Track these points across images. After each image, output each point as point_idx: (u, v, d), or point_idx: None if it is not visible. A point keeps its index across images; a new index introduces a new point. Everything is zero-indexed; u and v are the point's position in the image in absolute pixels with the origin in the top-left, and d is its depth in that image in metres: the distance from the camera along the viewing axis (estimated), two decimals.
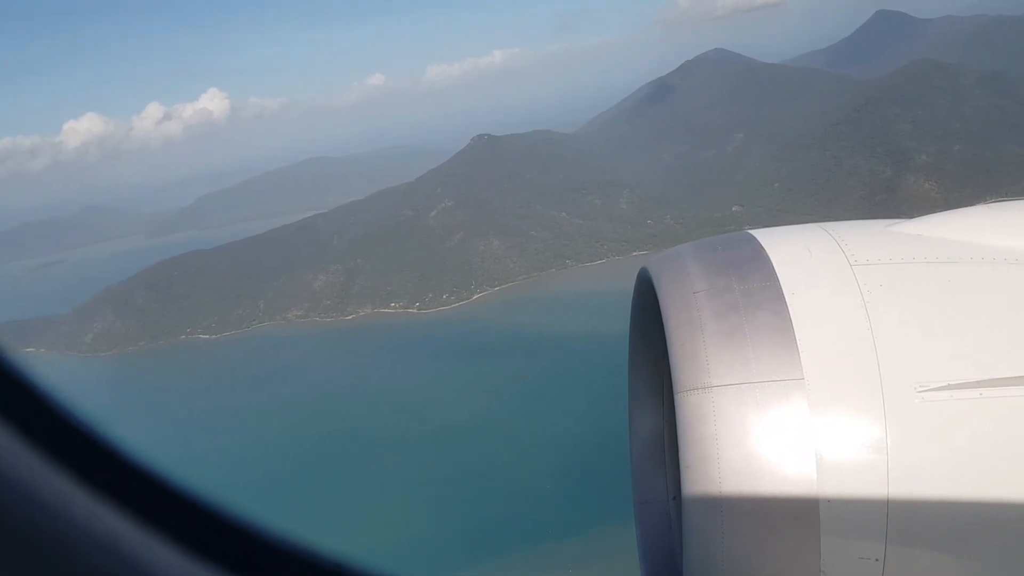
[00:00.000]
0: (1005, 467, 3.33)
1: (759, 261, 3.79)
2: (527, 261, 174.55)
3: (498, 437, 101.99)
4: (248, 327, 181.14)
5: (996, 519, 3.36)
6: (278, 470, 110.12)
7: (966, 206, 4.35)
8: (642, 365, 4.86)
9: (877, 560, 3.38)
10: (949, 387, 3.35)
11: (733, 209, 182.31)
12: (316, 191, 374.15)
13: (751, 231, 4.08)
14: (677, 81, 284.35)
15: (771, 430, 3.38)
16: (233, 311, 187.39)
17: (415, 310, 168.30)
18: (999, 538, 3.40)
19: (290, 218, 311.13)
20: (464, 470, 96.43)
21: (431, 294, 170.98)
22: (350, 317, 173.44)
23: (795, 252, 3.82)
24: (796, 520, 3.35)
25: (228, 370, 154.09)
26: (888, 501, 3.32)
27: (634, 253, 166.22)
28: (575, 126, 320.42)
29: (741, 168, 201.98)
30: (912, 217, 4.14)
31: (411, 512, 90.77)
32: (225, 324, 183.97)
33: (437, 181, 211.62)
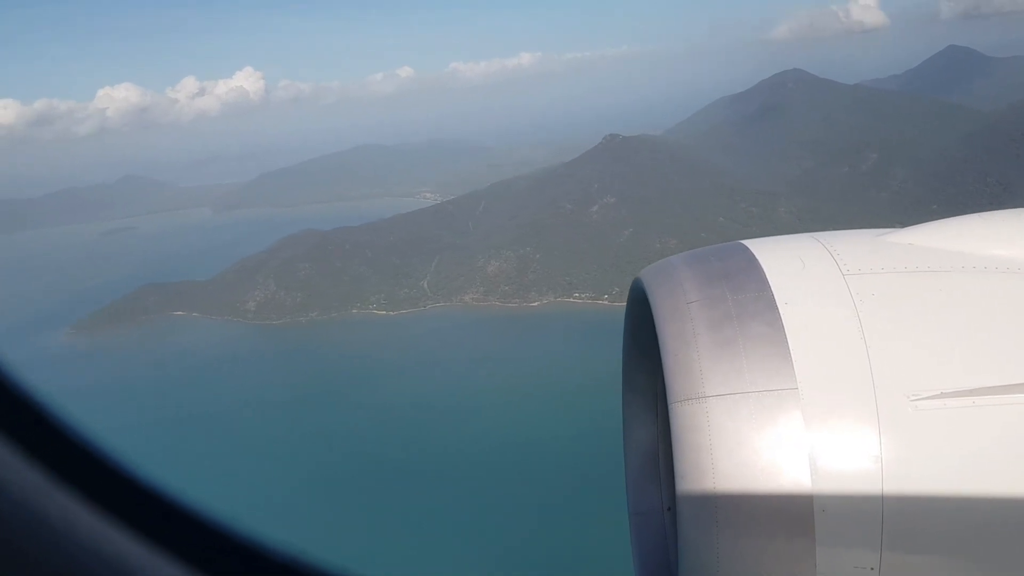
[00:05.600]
0: (999, 475, 3.34)
1: (752, 271, 3.86)
2: None
3: None
4: (424, 306, 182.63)
5: (991, 527, 3.37)
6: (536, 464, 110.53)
7: None
8: (636, 376, 4.95)
9: (872, 569, 3.40)
10: (942, 395, 3.37)
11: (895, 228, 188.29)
12: (381, 178, 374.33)
13: (743, 241, 4.23)
14: (769, 97, 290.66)
15: (765, 440, 3.39)
16: (397, 289, 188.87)
17: (605, 302, 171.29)
18: (994, 546, 3.42)
19: (368, 202, 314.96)
20: None
21: (616, 288, 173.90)
22: (535, 304, 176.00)
23: (788, 262, 3.91)
24: (791, 530, 3.37)
25: (439, 347, 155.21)
26: (883, 510, 3.32)
27: None
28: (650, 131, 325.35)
29: (883, 187, 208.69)
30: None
31: None
32: (395, 302, 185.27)
33: (587, 177, 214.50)
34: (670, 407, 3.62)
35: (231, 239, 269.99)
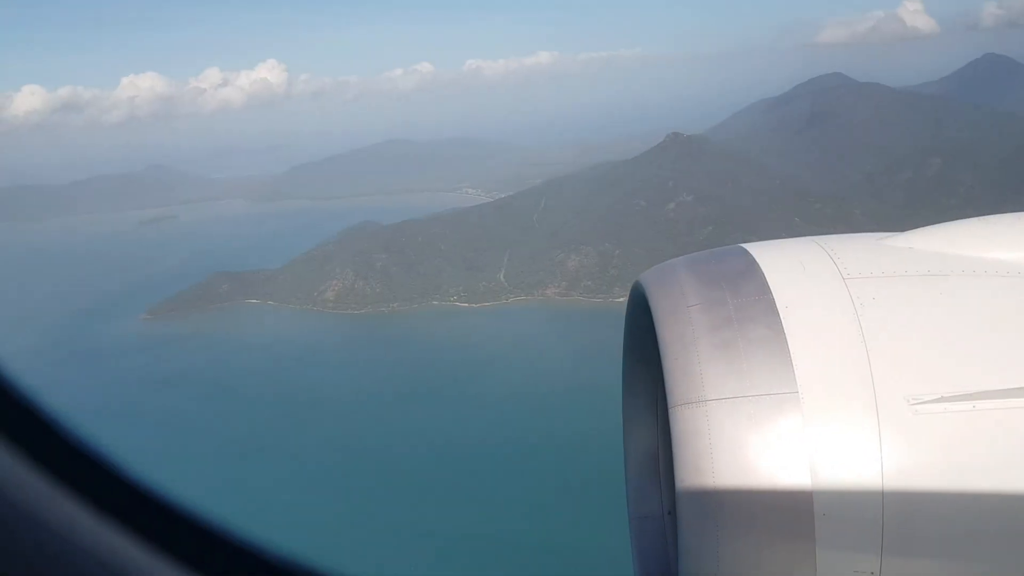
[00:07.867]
0: (999, 479, 3.32)
1: (752, 274, 3.87)
2: None
3: None
4: (505, 300, 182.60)
5: (991, 531, 3.37)
6: None
7: None
8: (636, 380, 4.96)
9: (873, 573, 3.40)
10: (942, 399, 3.36)
11: None
12: (415, 173, 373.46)
13: (743, 244, 4.27)
14: (812, 101, 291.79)
15: (765, 444, 3.39)
16: (476, 282, 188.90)
17: None
18: (995, 551, 3.41)
19: (410, 196, 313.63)
20: None
21: None
22: (620, 300, 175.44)
23: (788, 265, 3.91)
24: (791, 533, 3.37)
25: (530, 340, 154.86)
26: (883, 513, 3.31)
27: None
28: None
29: (951, 194, 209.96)
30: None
31: None
32: (475, 294, 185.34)
33: (657, 174, 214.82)
34: (670, 410, 3.60)
35: (280, 230, 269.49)
